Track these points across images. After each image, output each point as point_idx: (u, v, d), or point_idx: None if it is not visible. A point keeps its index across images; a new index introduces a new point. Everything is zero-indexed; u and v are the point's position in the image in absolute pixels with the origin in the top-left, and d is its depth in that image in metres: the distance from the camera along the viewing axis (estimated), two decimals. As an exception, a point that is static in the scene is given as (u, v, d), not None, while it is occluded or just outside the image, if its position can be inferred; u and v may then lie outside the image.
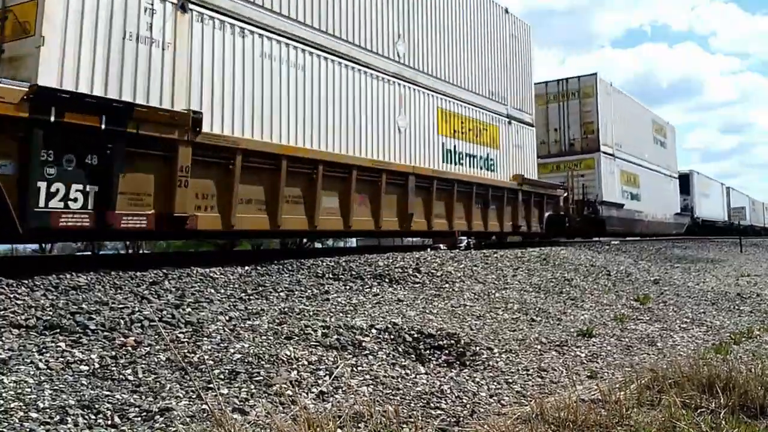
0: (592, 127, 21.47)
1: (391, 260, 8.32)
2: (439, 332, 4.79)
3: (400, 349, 4.44)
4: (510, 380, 4.06)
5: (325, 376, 3.66)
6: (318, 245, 17.45)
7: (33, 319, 4.14)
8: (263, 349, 3.94)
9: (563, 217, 17.34)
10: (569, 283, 8.64)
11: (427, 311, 5.71)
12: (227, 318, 4.69)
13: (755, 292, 10.01)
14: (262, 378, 3.49)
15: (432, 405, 3.43)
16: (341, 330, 4.57)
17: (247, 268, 7.16)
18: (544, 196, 15.84)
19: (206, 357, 3.75)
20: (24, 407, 2.78)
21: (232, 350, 3.88)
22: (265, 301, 5.63)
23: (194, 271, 6.41)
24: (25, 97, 5.38)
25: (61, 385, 3.11)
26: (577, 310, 6.88)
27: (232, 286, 6.13)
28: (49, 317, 4.18)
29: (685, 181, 35.08)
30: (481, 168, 13.37)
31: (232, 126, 7.72)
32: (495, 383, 3.97)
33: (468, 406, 3.47)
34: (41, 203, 5.58)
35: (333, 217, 9.22)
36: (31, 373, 3.25)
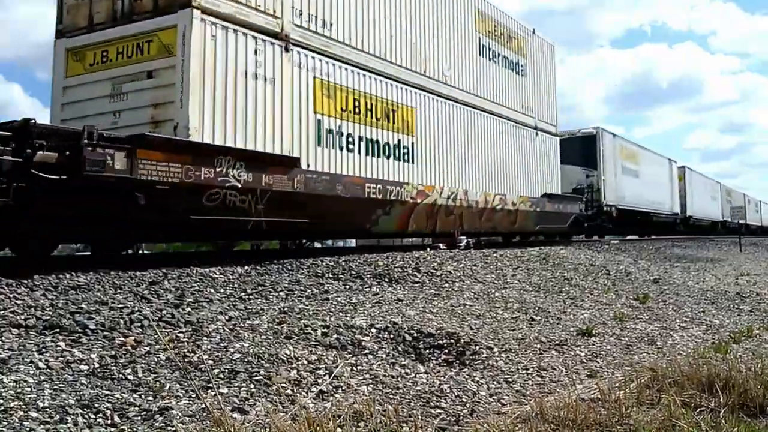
0: None
1: (390, 260, 8.32)
2: (438, 331, 4.79)
3: (399, 349, 4.44)
4: (510, 379, 4.06)
5: (324, 375, 3.66)
6: (318, 245, 17.42)
7: (33, 318, 4.14)
8: (263, 348, 3.94)
9: None
10: (569, 282, 8.65)
11: (427, 310, 5.71)
12: (227, 318, 4.69)
13: (755, 291, 10.01)
14: (261, 377, 3.49)
15: (432, 404, 3.44)
16: (341, 329, 4.57)
17: (246, 267, 7.15)
18: None
19: (206, 356, 3.75)
20: (24, 407, 2.78)
21: (231, 350, 3.88)
22: (264, 301, 5.63)
23: (194, 271, 6.41)
24: None
25: (60, 385, 3.11)
26: (576, 309, 6.88)
27: (231, 285, 6.13)
28: (48, 317, 4.18)
29: (587, 146, 21.79)
30: None
31: None
32: (495, 382, 3.97)
33: (468, 405, 3.47)
34: None
35: None
36: (31, 372, 3.25)
